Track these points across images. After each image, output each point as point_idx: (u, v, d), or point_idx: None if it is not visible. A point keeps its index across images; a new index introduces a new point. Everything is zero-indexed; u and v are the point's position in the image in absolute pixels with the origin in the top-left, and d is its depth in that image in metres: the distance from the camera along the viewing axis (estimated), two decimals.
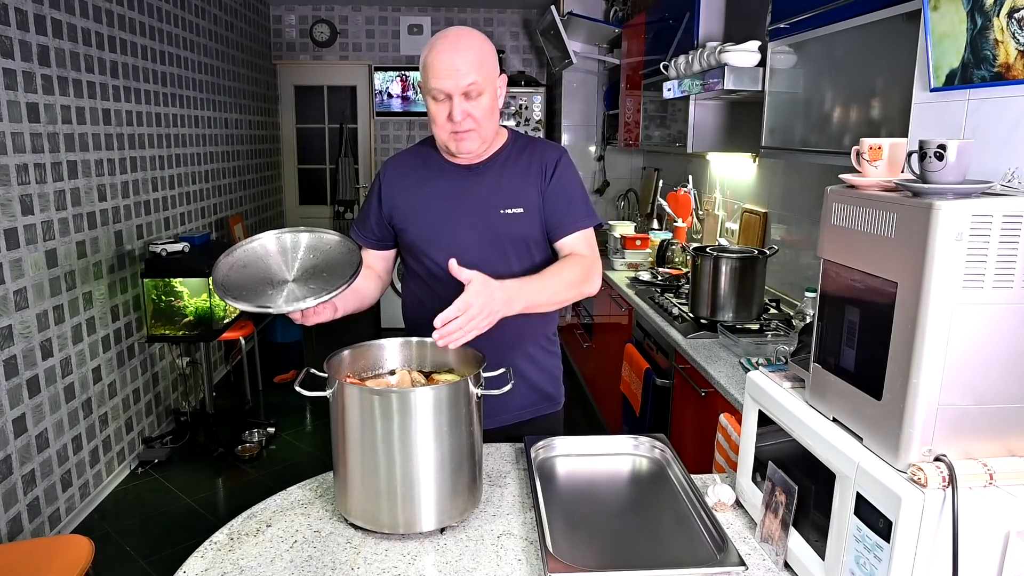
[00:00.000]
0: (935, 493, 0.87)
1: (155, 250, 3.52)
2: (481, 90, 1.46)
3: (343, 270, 1.29)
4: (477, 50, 1.46)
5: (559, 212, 1.59)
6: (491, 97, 1.50)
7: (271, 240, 1.38)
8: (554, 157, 1.61)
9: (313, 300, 1.24)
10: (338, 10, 6.27)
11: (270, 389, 4.56)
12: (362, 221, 1.68)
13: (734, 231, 3.40)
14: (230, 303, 1.24)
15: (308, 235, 1.39)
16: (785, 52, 2.22)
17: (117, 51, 3.39)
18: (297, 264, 1.35)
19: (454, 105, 1.45)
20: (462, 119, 1.46)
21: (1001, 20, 1.23)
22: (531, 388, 1.68)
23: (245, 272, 1.32)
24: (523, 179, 1.58)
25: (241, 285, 1.28)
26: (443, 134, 1.51)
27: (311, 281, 1.29)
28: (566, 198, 1.59)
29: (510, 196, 1.57)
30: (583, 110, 5.49)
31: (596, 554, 1.14)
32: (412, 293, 1.69)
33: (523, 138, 1.66)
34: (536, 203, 1.58)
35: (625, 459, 1.45)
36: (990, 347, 0.92)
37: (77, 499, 3.03)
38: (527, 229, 1.58)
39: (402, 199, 1.61)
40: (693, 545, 1.15)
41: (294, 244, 1.38)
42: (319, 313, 1.36)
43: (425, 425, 1.16)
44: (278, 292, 1.28)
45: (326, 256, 1.35)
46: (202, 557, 1.15)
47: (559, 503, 1.27)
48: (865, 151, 1.10)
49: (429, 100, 1.49)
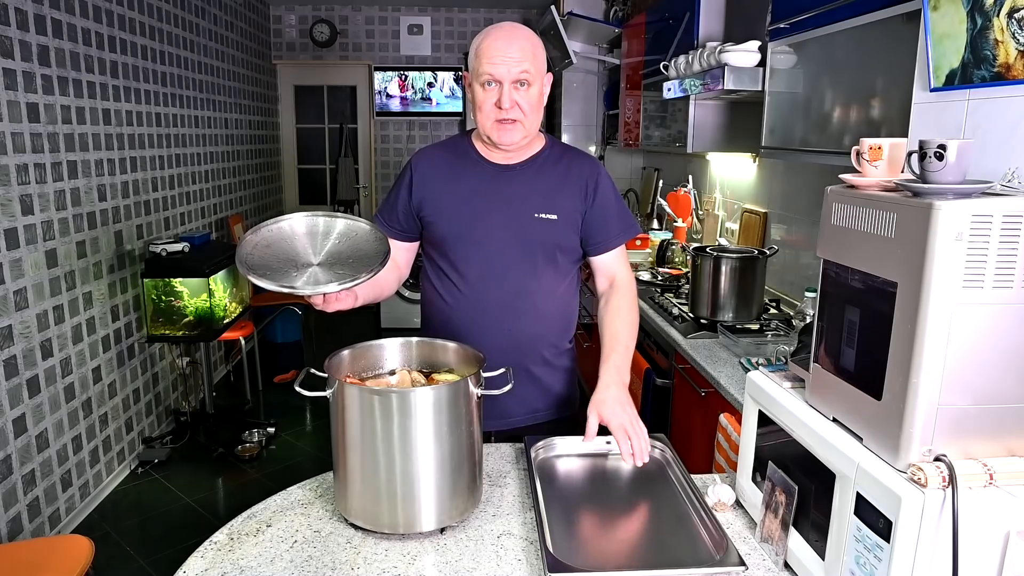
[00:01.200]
0: (935, 493, 0.87)
1: (155, 250, 3.52)
2: (532, 80, 1.47)
3: (370, 259, 1.27)
4: (531, 42, 1.49)
5: (599, 230, 1.61)
6: (539, 90, 1.51)
7: (300, 221, 1.35)
8: (594, 174, 1.62)
9: (336, 286, 1.22)
10: (338, 10, 6.27)
11: (270, 389, 4.56)
12: (388, 210, 1.66)
13: (734, 231, 3.40)
14: (253, 280, 1.22)
15: (344, 222, 1.36)
16: (785, 52, 2.22)
17: (117, 51, 3.39)
18: (327, 248, 1.32)
19: (503, 92, 1.46)
20: (510, 107, 1.46)
21: (1001, 20, 1.23)
22: (545, 392, 1.67)
23: (269, 251, 1.29)
24: (559, 187, 1.58)
25: (265, 264, 1.26)
26: (487, 122, 1.50)
27: (336, 267, 1.28)
28: (607, 216, 1.61)
29: (545, 201, 1.57)
30: (583, 110, 5.49)
31: (596, 554, 1.14)
32: (434, 291, 1.65)
33: (560, 145, 1.67)
34: (570, 214, 1.58)
35: None
36: (990, 347, 0.92)
37: (77, 499, 3.03)
38: (559, 237, 1.58)
39: (433, 191, 1.59)
40: (693, 545, 1.15)
41: (327, 228, 1.35)
42: (341, 300, 1.35)
43: (425, 425, 1.16)
44: (301, 274, 1.26)
45: (353, 243, 1.33)
46: (202, 557, 1.15)
47: (559, 503, 1.27)
48: (865, 151, 1.10)
49: (477, 88, 1.49)
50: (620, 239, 1.65)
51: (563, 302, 1.65)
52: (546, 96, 1.56)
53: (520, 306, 1.58)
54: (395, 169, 6.55)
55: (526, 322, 1.59)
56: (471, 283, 1.58)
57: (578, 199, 1.59)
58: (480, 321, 1.57)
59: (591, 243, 1.62)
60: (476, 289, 1.58)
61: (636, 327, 1.60)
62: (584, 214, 1.59)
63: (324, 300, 1.32)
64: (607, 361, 1.51)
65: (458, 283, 1.59)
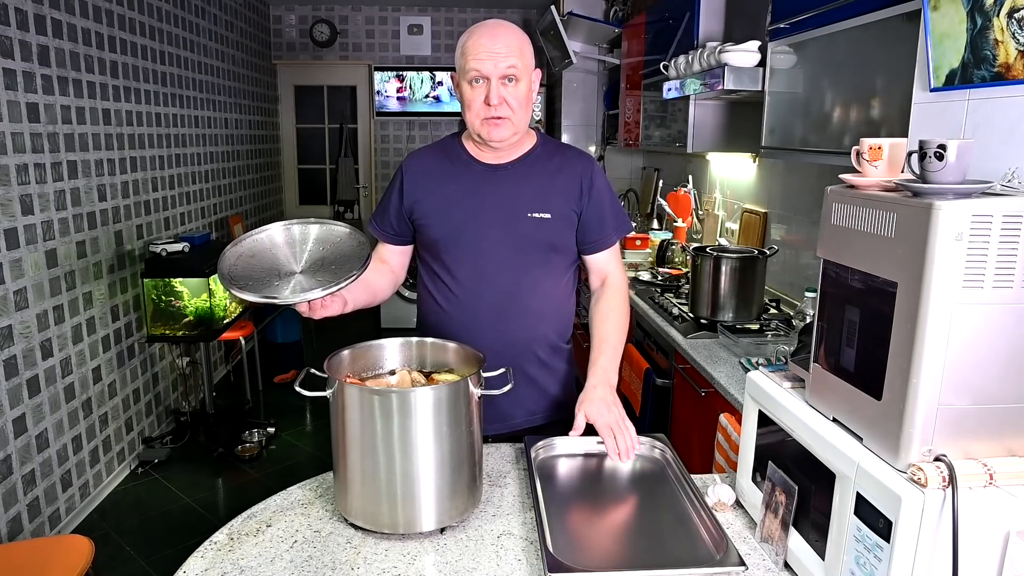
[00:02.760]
0: (935, 493, 0.87)
1: (155, 250, 3.52)
2: (519, 76, 1.46)
3: (352, 263, 1.27)
4: (517, 38, 1.48)
5: (594, 229, 1.60)
6: (527, 86, 1.50)
7: (279, 231, 1.36)
8: (588, 170, 1.60)
9: (320, 292, 1.22)
10: (338, 10, 6.27)
11: (270, 389, 4.56)
12: (381, 214, 1.65)
13: (734, 231, 3.40)
14: (235, 294, 1.22)
15: (318, 227, 1.36)
16: (785, 52, 2.22)
17: (117, 51, 3.39)
18: (306, 256, 1.32)
19: (491, 88, 1.45)
20: (499, 103, 1.45)
21: (1001, 20, 1.23)
22: (542, 394, 1.67)
23: (252, 262, 1.30)
24: (552, 185, 1.57)
25: (248, 275, 1.27)
26: (476, 120, 1.50)
27: (319, 273, 1.28)
28: (603, 214, 1.60)
29: (538, 200, 1.55)
30: (583, 110, 5.49)
31: (596, 554, 1.14)
32: (428, 294, 1.65)
33: (552, 142, 1.65)
34: (564, 212, 1.57)
35: None
36: (990, 347, 0.92)
37: (77, 499, 3.03)
38: (553, 236, 1.57)
39: (425, 194, 1.58)
40: (693, 545, 1.15)
41: (303, 236, 1.36)
42: (327, 306, 1.35)
43: (425, 425, 1.16)
44: (285, 283, 1.26)
45: (335, 248, 1.33)
46: (202, 557, 1.15)
47: (559, 503, 1.27)
48: (865, 151, 1.10)
49: (464, 86, 1.49)
50: (614, 237, 1.64)
51: (559, 302, 1.64)
52: (536, 93, 1.55)
53: (514, 307, 1.57)
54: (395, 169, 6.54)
55: (520, 323, 1.58)
56: (464, 285, 1.58)
57: (573, 197, 1.57)
58: (474, 322, 1.57)
59: (586, 241, 1.61)
60: (469, 291, 1.57)
61: (626, 328, 1.61)
62: (580, 213, 1.58)
63: (310, 308, 1.32)
64: (595, 363, 1.53)
65: (451, 285, 1.58)
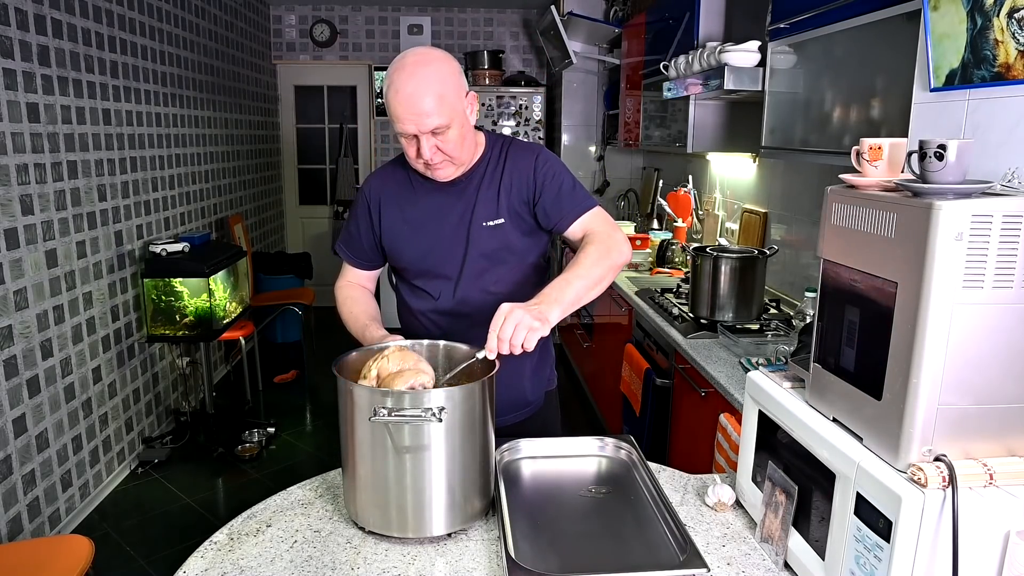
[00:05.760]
0: (935, 493, 0.87)
1: (155, 250, 3.52)
2: (448, 125, 1.42)
3: None
4: (438, 84, 1.39)
5: (554, 209, 1.56)
6: (459, 127, 1.46)
7: None
8: (531, 162, 1.57)
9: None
10: (338, 10, 6.27)
11: (270, 389, 4.55)
12: (352, 243, 1.68)
13: (734, 231, 3.40)
14: None
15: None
16: (785, 52, 2.22)
17: (117, 51, 3.39)
18: None
19: (422, 144, 1.43)
20: (432, 154, 1.45)
21: (1001, 20, 1.23)
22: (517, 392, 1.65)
23: None
24: (504, 188, 1.57)
25: None
26: (418, 167, 1.52)
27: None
28: (557, 195, 1.56)
29: (490, 208, 1.56)
30: (583, 110, 5.49)
31: (559, 558, 1.13)
32: (403, 301, 1.69)
33: (500, 142, 1.62)
34: (517, 210, 1.56)
35: (591, 460, 1.44)
36: (990, 347, 0.92)
37: (77, 499, 3.03)
38: (512, 238, 1.57)
39: (392, 222, 1.61)
40: (657, 548, 1.14)
41: None
42: None
43: (437, 428, 1.14)
44: None
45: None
46: (202, 557, 1.15)
47: (523, 506, 1.26)
48: (865, 151, 1.10)
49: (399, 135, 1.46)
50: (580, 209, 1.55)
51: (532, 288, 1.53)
52: (473, 114, 1.51)
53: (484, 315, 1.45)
54: None
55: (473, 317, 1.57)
56: (438, 299, 1.61)
57: (523, 194, 1.56)
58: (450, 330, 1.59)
59: (554, 224, 1.57)
60: (440, 304, 1.61)
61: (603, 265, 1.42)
62: (535, 203, 1.56)
63: None
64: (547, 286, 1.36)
65: (424, 298, 1.63)
